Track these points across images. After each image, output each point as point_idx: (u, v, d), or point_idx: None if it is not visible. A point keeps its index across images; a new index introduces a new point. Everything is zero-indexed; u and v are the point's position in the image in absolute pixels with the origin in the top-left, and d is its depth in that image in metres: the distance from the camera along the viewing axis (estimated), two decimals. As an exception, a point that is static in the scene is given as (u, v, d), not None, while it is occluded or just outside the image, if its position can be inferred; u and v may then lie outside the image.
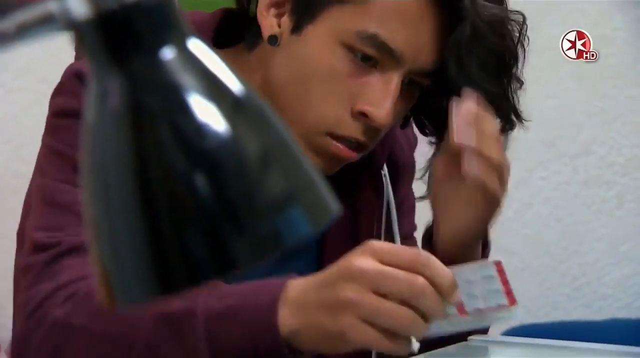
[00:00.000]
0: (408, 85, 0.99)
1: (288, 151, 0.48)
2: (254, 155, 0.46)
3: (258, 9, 0.98)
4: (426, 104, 1.03)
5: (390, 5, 0.95)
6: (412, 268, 0.80)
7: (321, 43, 0.96)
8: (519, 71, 1.00)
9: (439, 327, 0.83)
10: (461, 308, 0.83)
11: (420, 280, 0.80)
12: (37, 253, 0.91)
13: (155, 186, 0.45)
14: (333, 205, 0.49)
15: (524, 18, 1.00)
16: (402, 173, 1.12)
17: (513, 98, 1.01)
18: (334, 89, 0.96)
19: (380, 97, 0.95)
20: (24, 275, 0.92)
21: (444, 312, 0.80)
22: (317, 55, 0.96)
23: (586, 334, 0.99)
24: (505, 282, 0.84)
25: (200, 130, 0.45)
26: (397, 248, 0.87)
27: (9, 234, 1.77)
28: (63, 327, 0.86)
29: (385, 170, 1.09)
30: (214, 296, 0.85)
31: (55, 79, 1.78)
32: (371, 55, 0.96)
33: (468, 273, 0.84)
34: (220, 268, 0.45)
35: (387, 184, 1.08)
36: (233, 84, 0.47)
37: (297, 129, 0.97)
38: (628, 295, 1.92)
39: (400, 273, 0.80)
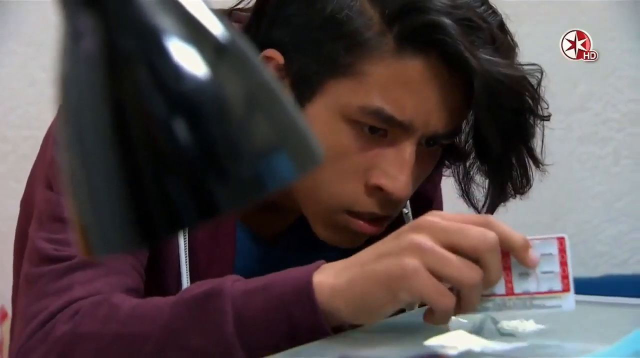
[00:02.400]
0: (427, 146, 0.93)
1: (272, 96, 0.46)
2: (236, 99, 0.45)
3: None
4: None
5: (391, 75, 0.88)
6: (482, 226, 0.77)
7: (324, 121, 0.90)
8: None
9: (482, 306, 0.79)
10: (510, 289, 0.79)
11: (492, 234, 0.76)
12: (45, 265, 0.88)
13: (133, 131, 0.43)
14: (318, 151, 0.47)
15: (542, 71, 0.94)
16: (432, 208, 1.09)
17: (527, 166, 0.96)
18: (345, 166, 0.91)
19: (395, 169, 0.90)
20: (30, 284, 0.89)
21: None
22: (322, 134, 0.88)
23: (582, 291, 0.97)
24: (564, 263, 0.78)
25: (178, 72, 0.43)
26: (462, 214, 0.82)
27: (-2, 199, 1.76)
28: (69, 338, 0.83)
29: (407, 208, 1.04)
30: (239, 282, 0.80)
31: (43, 42, 1.77)
32: (379, 127, 0.90)
33: None
34: (202, 214, 0.44)
35: (409, 221, 1.03)
36: (215, 27, 0.45)
37: (313, 207, 0.94)
38: (624, 252, 1.91)
39: (472, 227, 0.77)
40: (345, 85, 0.89)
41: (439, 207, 1.12)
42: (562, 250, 0.79)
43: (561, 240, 0.79)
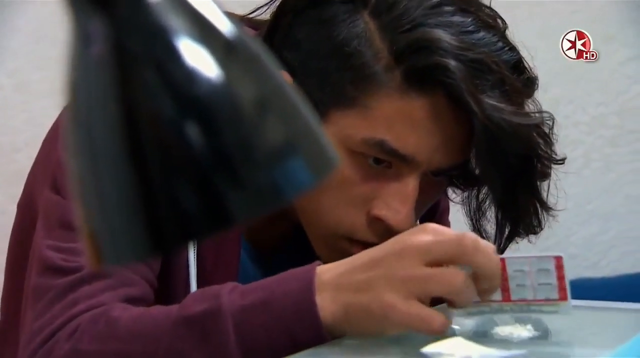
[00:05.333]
0: (434, 175, 0.93)
1: (286, 98, 0.45)
2: (249, 102, 0.43)
3: None
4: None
5: (395, 111, 0.87)
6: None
7: None
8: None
9: (480, 310, 0.79)
10: (506, 296, 0.79)
11: (469, 236, 0.76)
12: (52, 276, 0.85)
13: (144, 136, 0.42)
14: (334, 155, 0.46)
15: (553, 117, 0.94)
16: (441, 217, 1.08)
17: (538, 208, 0.96)
18: (347, 196, 0.90)
19: (397, 202, 0.89)
20: (36, 297, 0.86)
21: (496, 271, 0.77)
22: None
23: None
24: (561, 278, 0.79)
25: (190, 75, 0.42)
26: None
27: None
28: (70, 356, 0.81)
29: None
30: (236, 294, 0.79)
31: (7, 46, 1.74)
32: (383, 159, 0.90)
33: (522, 262, 0.78)
34: (216, 223, 0.42)
35: None
36: (225, 27, 0.44)
37: (315, 230, 0.94)
38: (594, 254, 1.92)
39: (449, 237, 0.77)
40: (350, 117, 0.88)
41: (445, 215, 1.10)
42: (558, 268, 0.79)
43: (558, 259, 0.79)
